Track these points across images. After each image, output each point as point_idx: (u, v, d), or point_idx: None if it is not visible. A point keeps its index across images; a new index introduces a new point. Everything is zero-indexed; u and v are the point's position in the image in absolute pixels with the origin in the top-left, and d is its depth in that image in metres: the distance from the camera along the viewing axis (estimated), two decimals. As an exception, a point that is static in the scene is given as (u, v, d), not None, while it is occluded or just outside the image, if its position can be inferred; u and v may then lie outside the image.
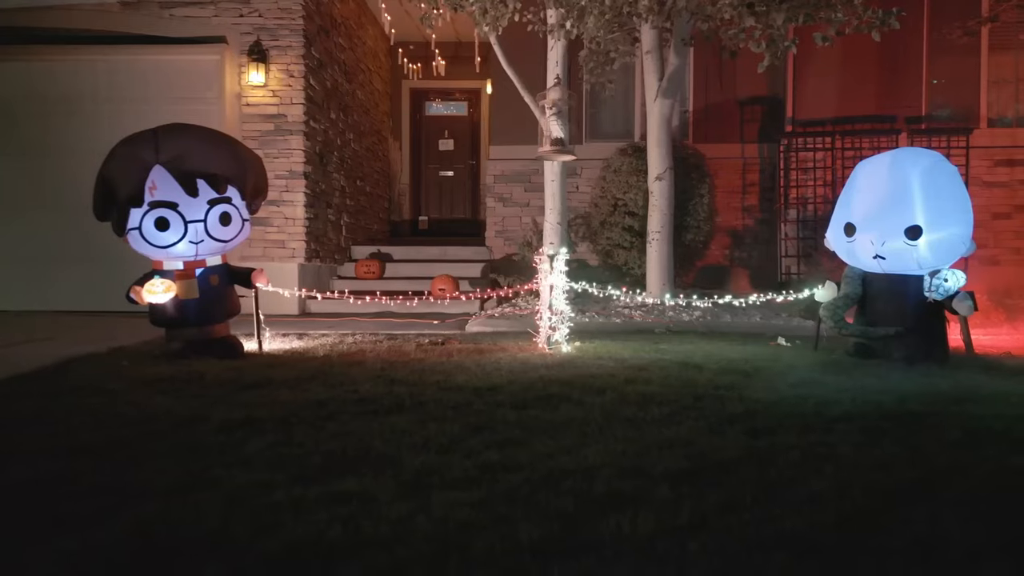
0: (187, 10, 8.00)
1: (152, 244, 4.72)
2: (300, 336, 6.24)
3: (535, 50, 7.92)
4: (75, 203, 8.08)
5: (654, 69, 7.46)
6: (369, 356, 5.13)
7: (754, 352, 5.54)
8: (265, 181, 5.28)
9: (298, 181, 8.12)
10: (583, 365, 4.77)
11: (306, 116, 8.13)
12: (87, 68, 8.15)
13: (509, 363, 4.82)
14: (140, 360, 4.98)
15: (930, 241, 5.01)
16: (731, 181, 9.87)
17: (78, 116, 8.18)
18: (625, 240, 8.49)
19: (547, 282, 5.52)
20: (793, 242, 9.24)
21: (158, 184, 4.64)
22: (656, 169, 7.55)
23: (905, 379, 4.47)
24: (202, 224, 4.75)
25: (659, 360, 5.02)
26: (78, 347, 5.61)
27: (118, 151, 4.74)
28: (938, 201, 5.10)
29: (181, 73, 8.11)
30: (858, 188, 5.41)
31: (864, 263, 5.35)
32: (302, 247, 8.19)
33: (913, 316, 5.20)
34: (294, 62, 8.03)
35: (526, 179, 10.04)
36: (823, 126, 9.31)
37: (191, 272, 4.89)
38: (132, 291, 4.81)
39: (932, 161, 5.23)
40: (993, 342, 6.47)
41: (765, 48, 5.88)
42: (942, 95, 9.33)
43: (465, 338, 6.31)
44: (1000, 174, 9.27)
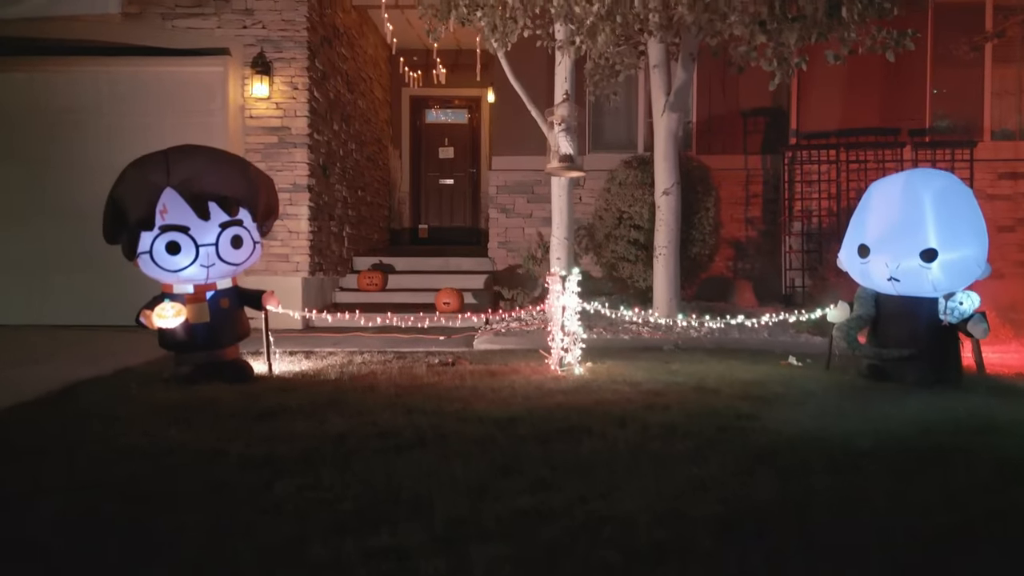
0: (190, 21, 7.93)
1: (163, 268, 4.66)
2: (307, 355, 6.18)
3: (541, 63, 7.90)
4: (77, 215, 8.01)
5: (661, 83, 7.42)
6: (381, 379, 5.08)
7: (767, 373, 5.51)
8: (276, 202, 5.23)
9: (302, 194, 8.06)
10: (598, 390, 4.73)
11: (310, 128, 8.07)
12: (89, 79, 8.06)
13: (524, 388, 4.77)
14: (148, 384, 4.92)
15: (944, 263, 4.99)
16: (735, 192, 9.85)
17: (80, 128, 8.09)
18: (630, 253, 8.45)
19: (559, 303, 5.48)
20: (797, 255, 9.23)
21: (169, 207, 4.58)
22: (663, 184, 7.52)
23: (923, 406, 4.44)
24: (213, 248, 4.69)
25: (673, 384, 4.99)
26: (83, 368, 5.54)
27: (128, 174, 4.67)
28: (952, 223, 5.08)
29: (184, 85, 8.04)
30: (872, 209, 5.39)
31: (878, 284, 5.33)
32: (306, 261, 8.13)
33: (926, 338, 5.19)
34: (298, 74, 7.96)
35: (529, 189, 9.99)
36: (827, 139, 9.29)
37: (201, 296, 4.82)
38: (142, 315, 4.74)
39: (946, 183, 5.22)
40: (1003, 360, 6.47)
41: (776, 66, 5.85)
42: (946, 108, 9.34)
43: (474, 357, 6.26)
44: (1003, 187, 9.28)
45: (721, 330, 7.35)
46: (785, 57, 5.77)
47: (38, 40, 7.92)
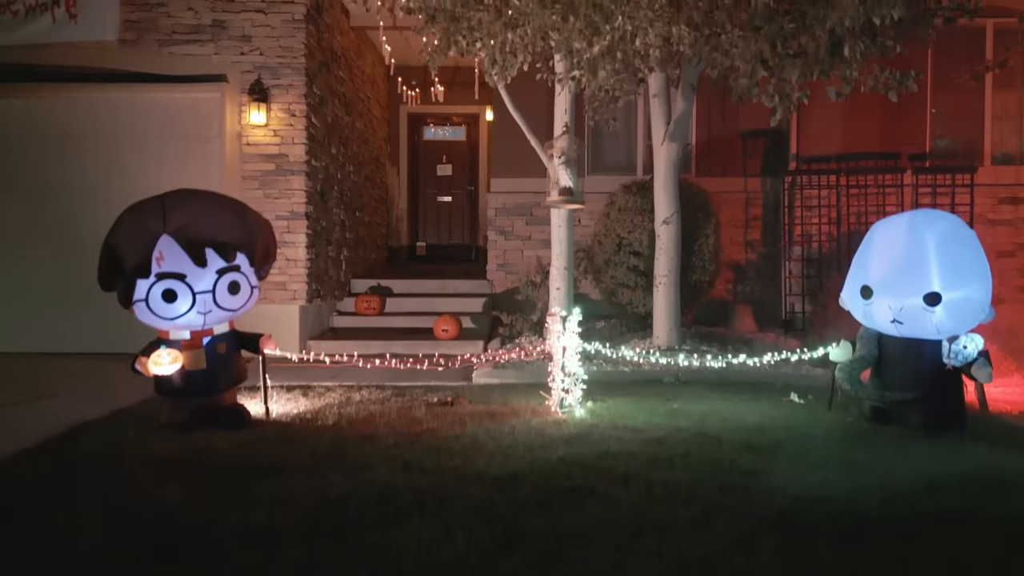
0: (187, 48, 7.87)
1: (159, 316, 4.60)
2: (305, 392, 6.12)
3: (540, 91, 7.83)
4: (73, 241, 7.96)
5: (660, 112, 7.39)
6: (380, 424, 5.02)
7: (769, 415, 5.47)
8: (274, 245, 5.18)
9: (300, 222, 8.00)
10: (600, 439, 4.68)
11: (307, 155, 8.02)
12: (86, 106, 8.01)
13: (525, 435, 4.72)
14: (145, 429, 4.86)
15: (948, 305, 4.95)
16: (734, 215, 9.81)
17: (77, 154, 8.03)
18: (630, 279, 8.41)
19: (559, 344, 5.43)
20: (798, 280, 9.19)
21: (165, 254, 4.52)
22: (663, 213, 7.48)
23: (927, 457, 4.40)
24: (210, 294, 4.63)
25: (675, 430, 4.94)
26: (81, 407, 5.50)
27: (124, 220, 4.62)
28: (955, 264, 5.04)
29: (181, 111, 7.98)
30: (874, 250, 5.36)
31: (881, 326, 5.29)
32: (303, 289, 8.07)
33: (930, 381, 5.15)
34: (296, 101, 7.91)
35: (527, 212, 9.94)
36: (827, 163, 9.26)
37: (198, 342, 4.76)
38: (138, 362, 4.68)
39: (949, 225, 5.18)
40: (1005, 395, 6.43)
41: (777, 101, 5.81)
42: (946, 132, 9.31)
43: (473, 393, 6.20)
44: (1004, 212, 9.25)
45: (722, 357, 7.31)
46: (787, 92, 5.73)
47: (36, 66, 7.86)
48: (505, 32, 5.39)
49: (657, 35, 5.00)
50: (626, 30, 4.95)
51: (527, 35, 5.31)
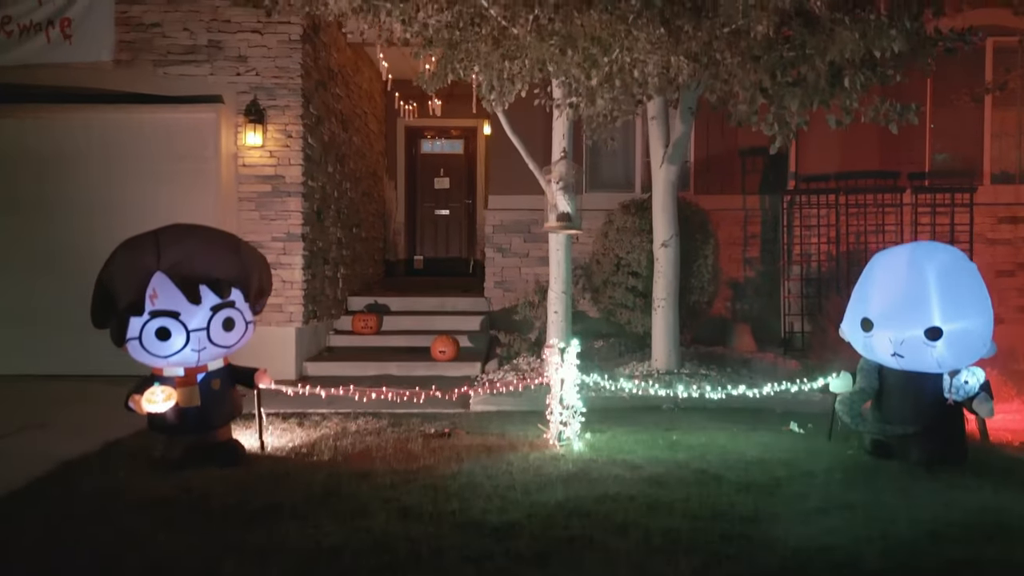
0: (182, 68, 7.81)
1: (152, 354, 4.54)
2: (300, 421, 6.07)
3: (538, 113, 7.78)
4: (69, 261, 7.91)
5: (659, 135, 7.35)
6: (376, 460, 4.96)
7: (768, 447, 5.42)
8: (269, 280, 5.12)
9: (296, 244, 7.94)
10: (599, 478, 4.62)
11: (304, 176, 7.96)
12: (81, 126, 7.95)
13: (522, 475, 4.66)
14: (137, 467, 4.80)
15: (949, 338, 4.91)
16: (733, 233, 9.77)
17: (72, 174, 7.98)
18: (628, 300, 8.36)
19: (557, 376, 5.38)
20: (797, 300, 9.15)
21: (159, 292, 4.46)
22: (662, 236, 7.43)
23: (930, 499, 4.35)
24: (204, 332, 4.57)
25: (675, 466, 4.89)
26: (72, 440, 5.43)
27: (118, 256, 4.56)
28: (956, 296, 5.01)
29: (177, 132, 7.92)
30: (875, 282, 5.31)
31: (881, 358, 5.25)
32: (300, 311, 8.01)
33: (931, 415, 5.11)
34: (292, 122, 7.85)
35: (525, 229, 9.90)
36: (826, 182, 9.22)
37: (192, 379, 4.71)
38: (131, 400, 4.63)
39: (949, 257, 5.14)
40: (1004, 422, 6.38)
41: (776, 129, 5.77)
42: (945, 151, 9.28)
43: (470, 421, 6.15)
44: (1004, 231, 9.22)
45: (721, 384, 7.26)
46: (786, 120, 5.68)
47: (30, 87, 7.80)
48: (503, 62, 5.34)
49: (655, 66, 4.96)
50: (624, 62, 4.90)
51: (525, 66, 5.26)
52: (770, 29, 4.83)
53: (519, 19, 4.84)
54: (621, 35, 4.68)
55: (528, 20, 4.78)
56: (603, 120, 6.92)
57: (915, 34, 5.10)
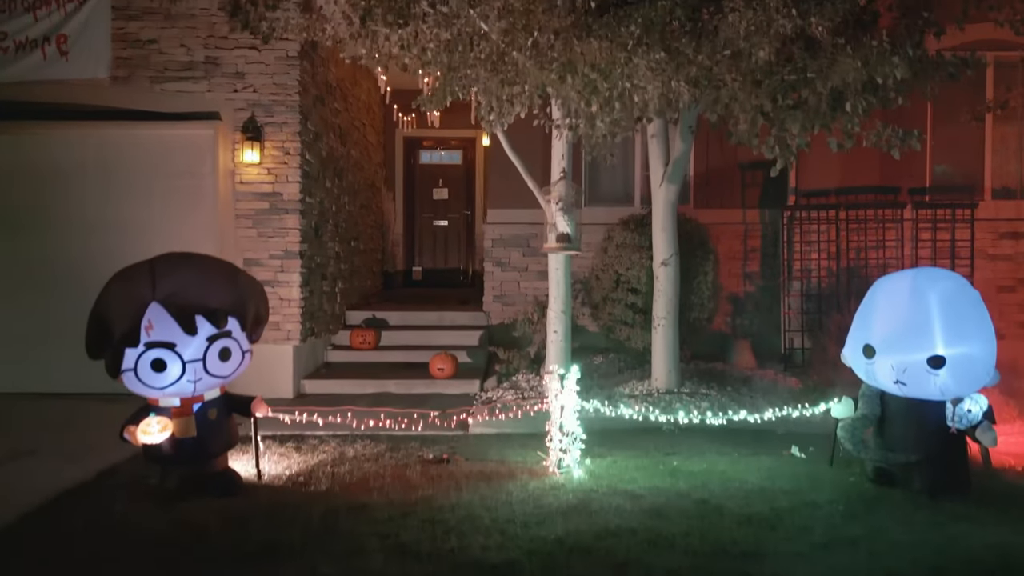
0: (179, 85, 7.76)
1: (148, 385, 4.50)
2: (298, 445, 6.00)
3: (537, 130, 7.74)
4: (62, 279, 7.86)
5: (659, 154, 7.31)
6: (374, 489, 4.91)
7: (769, 473, 5.37)
8: (266, 308, 5.08)
9: (294, 261, 7.89)
10: (599, 509, 4.58)
11: (302, 194, 7.91)
12: (77, 142, 7.89)
13: (522, 506, 4.61)
14: (132, 498, 4.74)
15: (952, 364, 4.86)
16: (733, 247, 9.74)
17: (67, 190, 7.92)
18: (628, 317, 8.32)
19: (557, 403, 5.33)
20: (797, 316, 9.10)
21: (155, 323, 4.41)
22: (661, 255, 7.39)
23: (933, 532, 4.31)
24: (200, 363, 4.52)
25: (676, 495, 4.85)
26: (64, 467, 5.38)
27: (112, 287, 4.51)
28: (958, 322, 4.97)
29: (174, 149, 7.87)
30: (877, 309, 5.27)
31: (884, 385, 5.21)
32: (297, 329, 7.96)
33: (934, 443, 5.06)
34: (290, 139, 7.80)
35: (524, 243, 9.86)
36: (827, 197, 9.18)
37: (188, 409, 4.66)
38: (126, 431, 4.57)
39: (952, 284, 5.10)
40: (1007, 445, 6.32)
41: (777, 152, 5.73)
42: (946, 167, 9.24)
43: (469, 445, 6.09)
44: (1005, 247, 9.18)
45: (721, 405, 7.22)
46: (787, 143, 5.64)
47: (25, 104, 7.73)
48: (502, 87, 5.29)
49: (655, 91, 4.91)
50: (624, 87, 4.86)
51: (524, 91, 5.22)
52: (771, 55, 4.79)
53: (518, 43, 4.80)
54: (621, 62, 4.64)
55: (527, 45, 4.73)
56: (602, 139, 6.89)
57: (917, 61, 5.07)
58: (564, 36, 4.64)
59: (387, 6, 4.85)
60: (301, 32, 5.70)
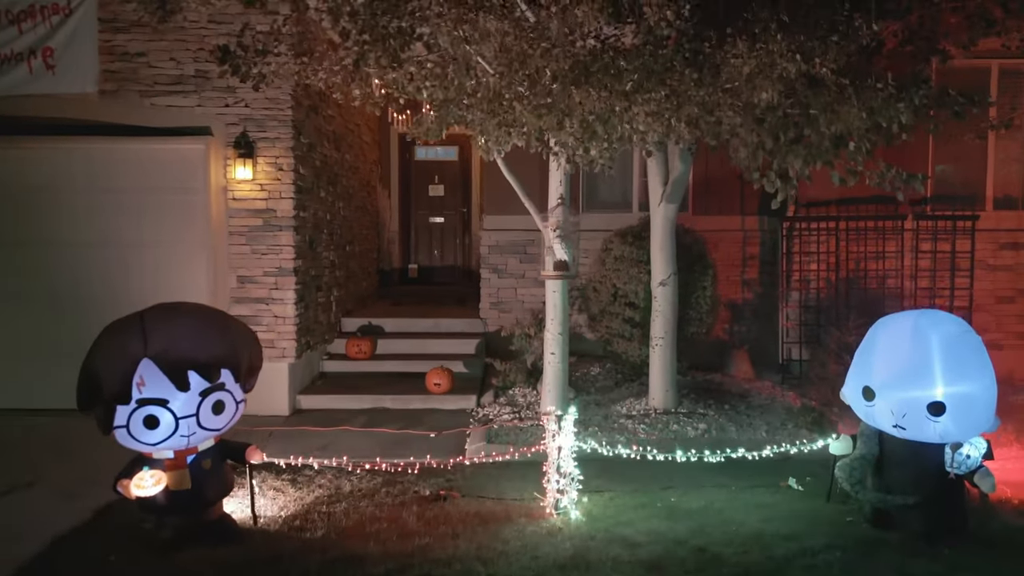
0: (169, 99, 7.61)
1: (141, 442, 4.44)
2: (294, 478, 5.94)
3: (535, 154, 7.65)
4: (52, 295, 7.77)
5: (657, 173, 7.21)
6: (371, 539, 4.86)
7: (767, 512, 5.35)
8: (260, 356, 5.01)
9: (288, 279, 7.81)
10: (596, 562, 4.56)
11: (295, 209, 7.80)
12: (64, 157, 7.75)
13: (519, 557, 4.60)
14: (127, 547, 4.71)
15: (951, 404, 4.82)
16: (731, 254, 9.68)
17: (55, 206, 7.80)
18: (626, 331, 8.28)
19: (554, 444, 5.30)
20: (796, 327, 9.06)
21: (146, 380, 4.35)
22: (660, 275, 7.33)
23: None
24: (194, 418, 4.47)
25: (674, 544, 4.82)
26: (61, 505, 5.36)
27: (103, 343, 4.44)
28: (960, 365, 4.92)
29: (164, 164, 7.74)
30: (877, 351, 5.21)
31: (883, 427, 5.18)
32: (292, 346, 7.90)
33: (931, 486, 5.04)
34: (283, 155, 7.67)
35: (521, 250, 9.78)
36: (827, 207, 9.09)
37: (182, 462, 4.61)
38: (119, 485, 4.53)
39: (955, 328, 5.04)
40: (1005, 473, 6.28)
41: (778, 185, 5.63)
42: (948, 177, 9.14)
43: (466, 477, 6.02)
44: (1005, 257, 9.12)
45: (719, 426, 7.20)
46: (789, 176, 5.55)
47: (10, 118, 7.59)
48: (499, 129, 5.18)
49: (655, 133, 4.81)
50: (624, 130, 4.75)
51: (521, 133, 5.11)
52: (774, 97, 4.68)
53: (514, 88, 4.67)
54: (619, 111, 4.53)
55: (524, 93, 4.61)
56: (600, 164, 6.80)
57: (923, 108, 4.96)
58: (562, 82, 4.52)
59: (381, 49, 4.71)
60: (293, 77, 5.56)
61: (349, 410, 8.06)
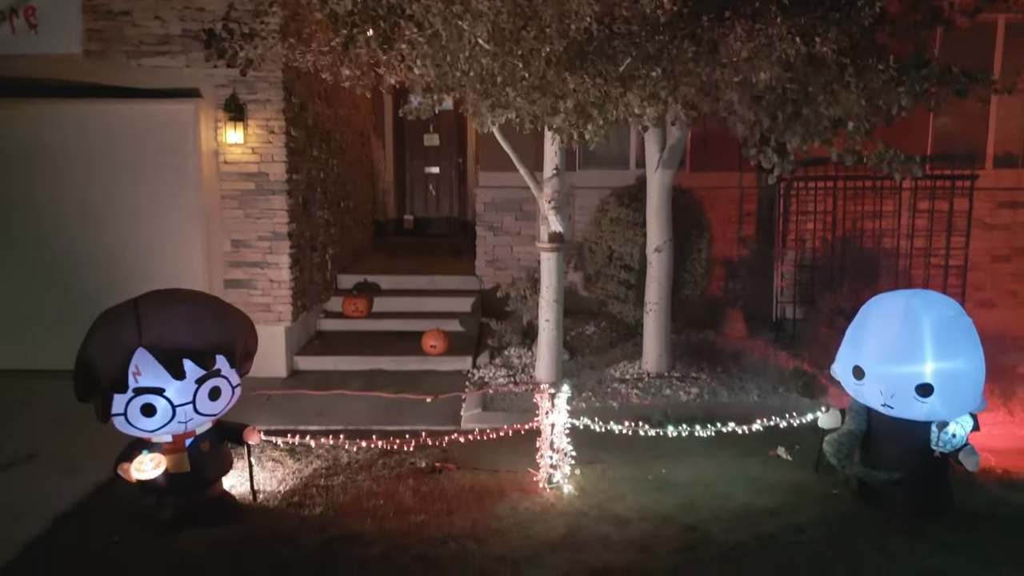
0: (156, 60, 7.44)
1: (139, 428, 4.50)
2: (292, 449, 6.00)
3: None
4: (46, 257, 7.75)
5: (655, 139, 7.11)
6: (368, 517, 4.97)
7: (755, 485, 5.46)
8: (255, 341, 5.03)
9: (282, 243, 7.78)
10: (587, 541, 4.68)
11: (288, 172, 7.72)
12: (54, 119, 7.61)
13: (513, 535, 4.72)
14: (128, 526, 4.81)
15: (940, 381, 4.88)
16: (728, 211, 9.63)
17: (45, 169, 7.71)
18: (621, 293, 8.31)
19: (548, 421, 5.37)
20: (790, 286, 9.08)
21: (142, 369, 4.38)
22: (655, 241, 7.31)
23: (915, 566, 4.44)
24: (191, 405, 4.52)
25: (663, 522, 4.94)
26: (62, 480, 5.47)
27: (98, 332, 4.45)
28: (950, 345, 4.96)
29: (154, 126, 7.61)
30: (869, 330, 5.24)
31: (872, 404, 5.25)
32: (288, 310, 7.93)
33: (918, 462, 5.14)
34: (274, 117, 7.55)
35: (517, 207, 9.72)
36: (825, 167, 8.99)
37: (180, 445, 4.68)
38: (120, 468, 4.60)
39: (947, 310, 5.06)
40: (990, 439, 6.39)
41: (776, 160, 5.57)
42: (948, 134, 9.02)
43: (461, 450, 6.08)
44: (1003, 216, 9.09)
45: (711, 390, 7.30)
46: (786, 152, 5.48)
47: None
48: (492, 111, 5.09)
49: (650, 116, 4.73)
50: (619, 114, 4.67)
51: (514, 117, 5.02)
52: (772, 79, 4.59)
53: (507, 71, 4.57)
54: (615, 97, 4.44)
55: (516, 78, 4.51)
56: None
57: (923, 94, 4.86)
58: (556, 66, 4.41)
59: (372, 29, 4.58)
60: (281, 60, 5.43)
61: (346, 372, 8.14)
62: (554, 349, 7.14)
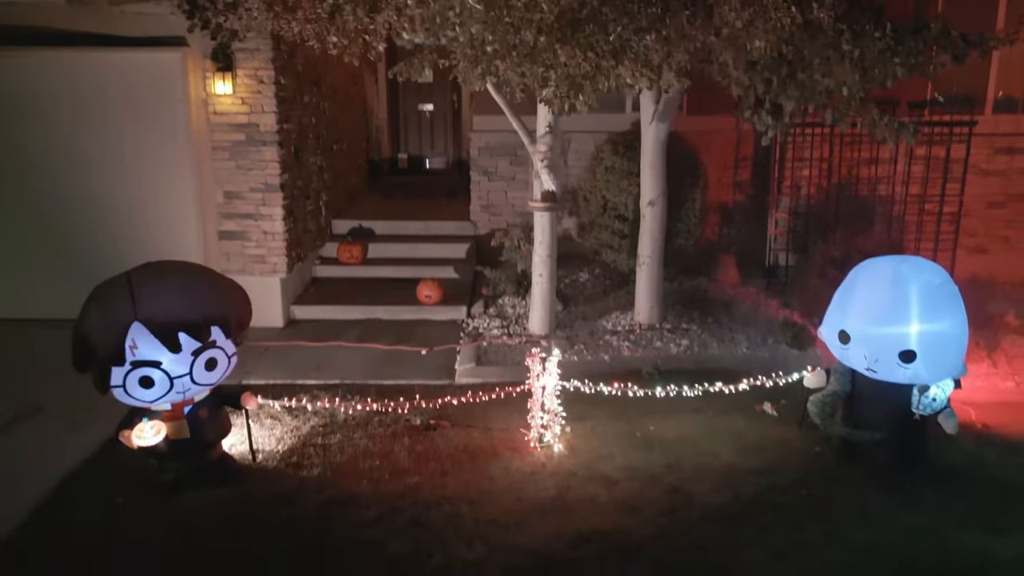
0: (139, 6, 7.25)
1: (138, 399, 4.61)
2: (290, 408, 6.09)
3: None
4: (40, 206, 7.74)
5: (650, 92, 7.00)
6: (364, 478, 5.13)
7: (741, 442, 5.63)
8: (249, 312, 5.08)
9: (275, 194, 7.75)
10: (576, 501, 4.85)
11: (279, 123, 7.62)
12: (37, 68, 7.47)
13: (504, 498, 4.89)
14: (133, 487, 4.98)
15: (923, 346, 4.97)
16: (724, 155, 9.57)
17: (36, 118, 7.60)
18: (615, 242, 8.34)
19: (539, 383, 5.49)
20: (784, 233, 9.08)
21: (138, 343, 4.45)
22: (648, 194, 7.29)
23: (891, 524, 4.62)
24: (187, 376, 4.61)
25: (649, 482, 5.10)
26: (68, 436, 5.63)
27: (93, 307, 4.49)
28: (935, 310, 5.03)
29: (141, 76, 7.47)
30: (856, 295, 5.30)
31: (856, 367, 5.36)
32: (283, 261, 7.95)
33: (898, 424, 5.28)
34: (263, 67, 7.41)
35: (511, 152, 9.64)
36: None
37: (179, 412, 4.79)
38: (121, 436, 4.74)
39: (935, 277, 5.10)
40: (972, 392, 6.47)
41: (770, 123, 5.52)
42: (948, 78, 8.84)
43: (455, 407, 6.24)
44: (999, 162, 9.03)
45: (701, 342, 7.41)
46: (781, 114, 5.43)
47: (-23, 28, 7.27)
48: (482, 79, 5.01)
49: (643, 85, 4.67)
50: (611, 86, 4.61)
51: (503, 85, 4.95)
52: (767, 48, 4.51)
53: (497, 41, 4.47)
54: (607, 69, 4.37)
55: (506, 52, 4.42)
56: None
57: (918, 66, 4.77)
58: (548, 37, 4.32)
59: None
60: (267, 27, 5.29)
61: (342, 321, 8.23)
62: (547, 302, 7.22)
